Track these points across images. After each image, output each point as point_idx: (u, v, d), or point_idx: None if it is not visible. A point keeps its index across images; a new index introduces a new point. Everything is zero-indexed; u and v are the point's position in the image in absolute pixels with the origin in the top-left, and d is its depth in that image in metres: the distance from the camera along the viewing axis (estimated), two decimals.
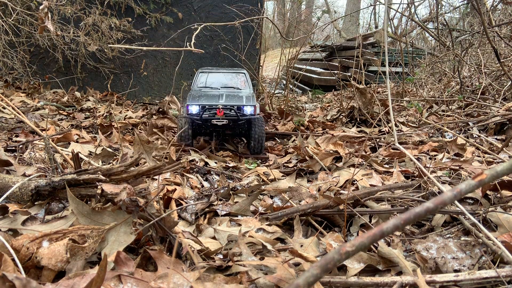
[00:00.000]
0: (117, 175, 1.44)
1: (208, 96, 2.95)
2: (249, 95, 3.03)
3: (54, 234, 1.15)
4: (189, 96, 2.93)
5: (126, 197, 1.29)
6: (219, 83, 3.27)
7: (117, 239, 1.25)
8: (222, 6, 5.75)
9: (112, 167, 1.45)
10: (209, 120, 2.82)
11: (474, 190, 0.80)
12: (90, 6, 5.29)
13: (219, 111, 2.77)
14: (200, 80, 3.29)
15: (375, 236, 0.71)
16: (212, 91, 3.11)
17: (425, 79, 5.89)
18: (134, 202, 1.27)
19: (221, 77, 3.35)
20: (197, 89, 3.19)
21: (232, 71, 3.42)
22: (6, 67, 5.14)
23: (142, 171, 1.46)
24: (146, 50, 4.40)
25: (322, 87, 7.88)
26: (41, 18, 2.30)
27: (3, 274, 0.83)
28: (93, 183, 1.41)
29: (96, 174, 1.39)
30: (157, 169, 1.47)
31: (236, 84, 3.31)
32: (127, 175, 1.45)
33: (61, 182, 1.40)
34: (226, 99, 2.88)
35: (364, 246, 0.71)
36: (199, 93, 3.04)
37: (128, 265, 1.13)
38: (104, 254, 1.01)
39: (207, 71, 3.37)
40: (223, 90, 3.18)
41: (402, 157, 2.65)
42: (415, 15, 5.62)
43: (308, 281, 0.64)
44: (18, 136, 3.05)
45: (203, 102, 2.85)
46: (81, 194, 1.42)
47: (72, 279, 1.01)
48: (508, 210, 1.64)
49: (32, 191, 1.43)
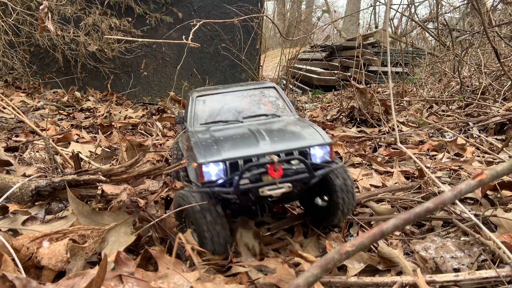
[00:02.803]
0: (117, 176, 1.44)
1: (232, 139, 1.50)
2: (304, 122, 1.65)
3: (55, 234, 1.15)
4: (195, 146, 1.48)
5: (126, 197, 1.29)
6: (235, 111, 1.79)
7: (117, 240, 1.25)
8: (222, 6, 5.75)
9: (113, 168, 1.45)
10: (254, 191, 1.35)
11: (474, 190, 0.81)
12: (90, 6, 5.29)
13: (272, 168, 1.34)
14: (201, 111, 1.80)
15: (375, 236, 0.71)
16: (232, 128, 1.65)
17: (425, 79, 5.89)
18: (135, 202, 1.27)
19: (234, 99, 1.86)
20: (202, 129, 1.69)
21: (252, 87, 1.93)
22: (6, 67, 5.14)
23: (143, 172, 1.46)
24: (142, 41, 4.02)
25: (322, 87, 7.88)
26: (41, 18, 2.31)
27: (3, 274, 0.83)
28: (94, 184, 1.41)
29: (96, 174, 1.40)
30: (158, 169, 1.47)
31: (267, 107, 1.84)
32: (128, 175, 1.45)
33: (61, 182, 1.40)
34: (271, 139, 1.46)
35: (364, 246, 0.71)
36: (210, 136, 1.56)
37: (128, 265, 1.13)
38: (104, 254, 1.01)
39: (208, 93, 1.86)
40: (249, 122, 1.72)
41: (402, 156, 2.66)
42: (415, 15, 5.62)
43: (308, 281, 0.64)
44: (18, 136, 3.05)
45: (231, 152, 1.41)
46: (82, 194, 1.42)
47: (72, 279, 1.01)
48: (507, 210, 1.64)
49: (32, 191, 1.43)
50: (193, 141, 1.50)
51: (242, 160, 1.37)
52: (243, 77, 5.98)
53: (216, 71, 5.99)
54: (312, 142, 1.45)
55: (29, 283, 0.85)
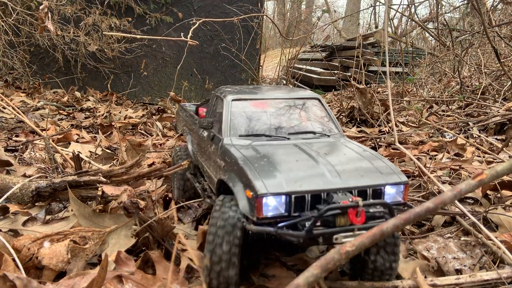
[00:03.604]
0: (117, 177, 1.44)
1: (288, 162, 1.24)
2: (366, 150, 1.38)
3: (56, 235, 1.15)
4: (245, 166, 1.20)
5: (126, 199, 1.29)
6: (278, 124, 1.50)
7: (117, 242, 1.25)
8: (222, 6, 5.75)
9: (113, 169, 1.45)
10: (327, 237, 1.10)
11: (474, 190, 0.81)
12: (90, 6, 5.29)
13: (354, 214, 1.09)
14: (238, 119, 1.48)
15: (375, 236, 0.71)
16: (281, 147, 1.37)
17: (425, 79, 5.89)
18: (135, 203, 1.27)
19: (275, 109, 1.55)
20: (243, 143, 1.39)
21: (295, 95, 1.64)
22: (6, 67, 5.14)
23: (143, 173, 1.46)
24: (141, 37, 3.97)
25: (322, 87, 7.88)
26: (41, 18, 2.31)
27: (4, 274, 0.83)
28: (94, 185, 1.41)
29: (97, 176, 1.40)
30: (158, 171, 1.47)
31: (313, 123, 1.55)
32: (128, 176, 1.45)
33: (61, 183, 1.40)
34: (337, 169, 1.22)
35: (364, 246, 0.71)
36: (257, 153, 1.30)
37: (128, 265, 1.13)
38: (105, 254, 1.01)
39: (246, 96, 1.55)
40: (297, 140, 1.44)
41: (402, 156, 2.66)
42: (415, 15, 5.62)
43: (308, 281, 0.64)
44: (18, 136, 3.05)
45: (295, 183, 1.14)
46: (82, 195, 1.42)
47: (73, 279, 1.02)
48: (507, 210, 1.64)
49: (32, 192, 1.43)
50: (239, 157, 1.23)
51: (310, 195, 1.12)
52: (243, 77, 5.98)
53: (216, 71, 5.99)
54: (388, 179, 1.20)
55: (29, 283, 0.85)
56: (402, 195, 1.22)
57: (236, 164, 1.22)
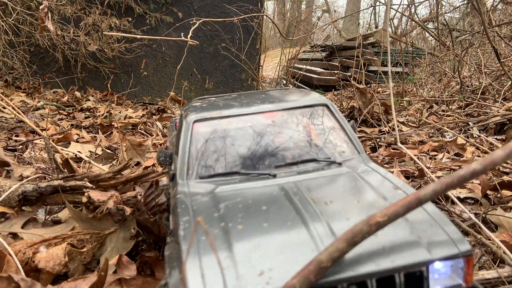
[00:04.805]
0: (105, 182, 1.42)
1: (264, 235, 0.71)
2: (392, 185, 0.85)
3: (53, 239, 1.15)
4: (183, 240, 0.71)
5: (112, 205, 1.27)
6: (263, 151, 0.99)
7: (116, 245, 1.25)
8: (222, 6, 5.75)
9: (100, 173, 1.43)
10: None
11: None
12: (90, 6, 5.29)
13: None
14: (201, 149, 0.99)
15: (411, 204, 0.57)
16: (260, 197, 0.84)
17: (425, 79, 5.89)
18: (121, 211, 1.25)
19: (259, 126, 1.03)
20: (201, 189, 0.90)
21: (290, 104, 1.09)
22: (6, 67, 5.14)
23: (131, 178, 1.45)
24: (141, 37, 3.90)
25: (322, 87, 7.88)
26: (41, 18, 2.30)
27: (9, 275, 0.83)
28: (81, 190, 1.39)
29: (83, 180, 1.38)
30: (146, 176, 1.46)
31: (316, 143, 1.03)
32: (115, 181, 1.43)
33: (48, 188, 1.38)
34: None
35: (398, 216, 0.57)
36: (214, 213, 0.79)
37: (130, 268, 1.12)
38: (105, 258, 1.01)
39: (214, 115, 1.04)
40: (288, 177, 0.92)
41: (402, 156, 2.66)
42: (415, 15, 5.62)
43: (332, 256, 0.52)
44: (18, 136, 3.05)
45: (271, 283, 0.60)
46: (68, 200, 1.38)
47: (74, 282, 1.02)
48: (507, 211, 1.64)
49: (19, 196, 1.40)
50: (181, 224, 0.75)
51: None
52: (243, 77, 5.98)
53: (216, 71, 5.99)
54: (435, 251, 0.68)
55: (34, 285, 0.85)
56: (463, 275, 0.71)
57: (177, 236, 0.74)
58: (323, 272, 0.51)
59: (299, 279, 0.50)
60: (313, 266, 0.52)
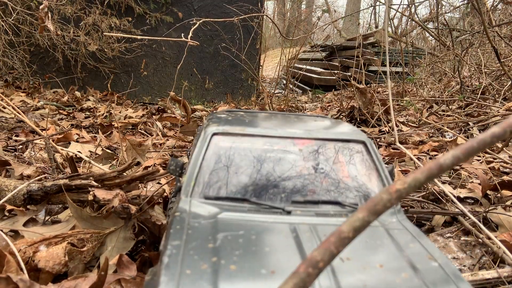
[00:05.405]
0: (110, 181, 1.42)
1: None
2: (425, 250, 0.71)
3: (53, 238, 1.15)
4: (164, 268, 0.60)
5: (118, 204, 1.27)
6: (278, 183, 0.86)
7: (116, 245, 1.25)
8: (222, 6, 5.75)
9: (105, 172, 1.44)
10: None
11: None
12: (90, 6, 5.29)
13: None
14: (214, 166, 0.88)
15: (432, 171, 0.56)
16: (267, 234, 0.74)
17: (425, 79, 5.90)
18: (127, 209, 1.25)
19: (281, 153, 0.91)
20: (203, 211, 0.80)
21: (324, 134, 0.95)
22: (6, 67, 5.14)
23: (136, 177, 1.45)
24: (141, 38, 3.87)
25: (322, 87, 7.88)
26: (41, 18, 2.31)
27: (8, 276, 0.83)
28: (86, 188, 1.39)
29: (88, 179, 1.38)
30: (151, 174, 1.46)
31: (340, 186, 0.89)
32: (120, 180, 1.43)
33: (53, 187, 1.38)
34: None
35: (419, 183, 0.56)
36: (209, 244, 0.68)
37: (130, 268, 1.12)
38: (106, 258, 1.01)
39: (240, 131, 0.93)
40: (304, 216, 0.81)
41: (402, 156, 2.66)
42: (415, 15, 5.62)
43: (353, 226, 0.51)
44: (18, 135, 3.05)
45: None
46: (73, 199, 1.39)
47: (74, 280, 1.02)
48: (507, 210, 1.64)
49: (24, 195, 1.41)
50: (169, 249, 0.65)
51: None
52: (243, 77, 5.99)
53: (216, 71, 5.99)
54: None
55: (32, 285, 0.85)
56: None
57: (160, 262, 0.65)
58: (345, 243, 0.49)
59: (320, 251, 0.47)
60: (334, 238, 0.49)
